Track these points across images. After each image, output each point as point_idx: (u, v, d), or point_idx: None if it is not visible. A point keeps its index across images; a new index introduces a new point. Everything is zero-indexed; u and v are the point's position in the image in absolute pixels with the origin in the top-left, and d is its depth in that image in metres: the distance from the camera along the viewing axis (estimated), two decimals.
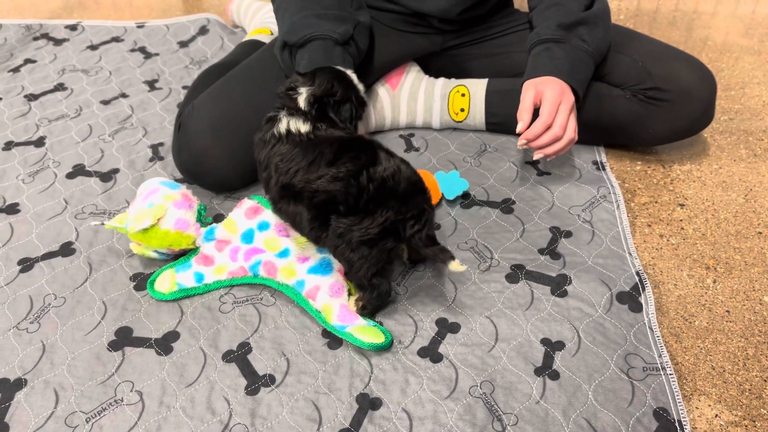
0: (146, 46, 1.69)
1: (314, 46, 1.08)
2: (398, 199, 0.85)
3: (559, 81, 1.07)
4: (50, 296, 0.99)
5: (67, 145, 1.32)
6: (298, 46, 1.10)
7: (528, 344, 0.90)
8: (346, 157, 0.88)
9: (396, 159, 0.89)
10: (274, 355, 0.89)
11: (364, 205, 0.85)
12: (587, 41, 1.11)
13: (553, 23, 1.11)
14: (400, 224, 0.85)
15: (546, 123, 1.04)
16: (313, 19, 1.10)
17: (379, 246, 0.86)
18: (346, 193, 0.85)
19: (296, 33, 1.09)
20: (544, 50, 1.11)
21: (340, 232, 0.86)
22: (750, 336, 0.92)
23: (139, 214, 0.97)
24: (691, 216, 1.12)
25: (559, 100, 1.05)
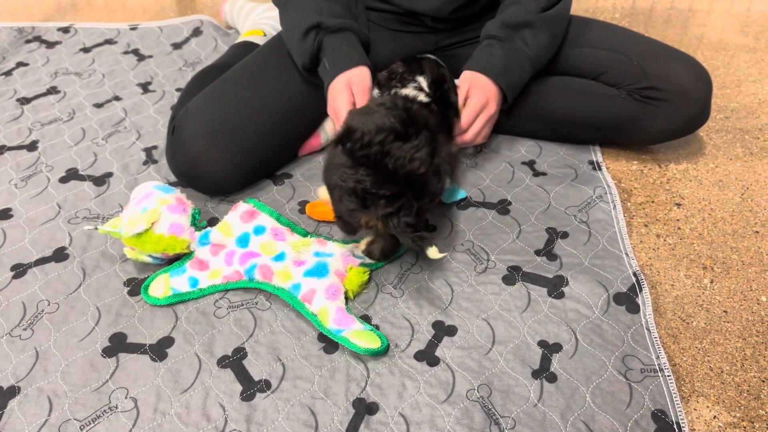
0: (139, 48, 1.68)
1: (351, 37, 1.11)
2: (384, 176, 0.88)
3: (489, 84, 1.12)
4: (44, 302, 0.98)
5: (60, 149, 1.31)
6: (333, 30, 1.10)
7: (525, 346, 0.89)
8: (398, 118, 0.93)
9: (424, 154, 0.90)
10: (269, 360, 0.88)
11: (358, 157, 0.89)
12: (529, 45, 1.14)
13: (500, 20, 1.15)
14: (369, 196, 0.88)
15: (460, 129, 1.12)
16: (342, 10, 1.13)
17: (344, 198, 0.90)
18: (361, 134, 0.90)
19: (331, 17, 1.10)
20: (487, 46, 1.15)
21: (335, 161, 0.92)
22: (748, 336, 0.91)
23: (133, 219, 0.97)
24: (687, 215, 1.12)
25: (479, 109, 1.12)
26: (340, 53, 1.10)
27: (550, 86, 1.22)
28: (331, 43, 1.11)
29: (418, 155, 0.89)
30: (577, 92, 1.20)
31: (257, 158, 1.16)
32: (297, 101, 1.18)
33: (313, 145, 1.27)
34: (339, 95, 1.08)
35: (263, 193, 1.18)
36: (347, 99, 1.08)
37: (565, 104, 1.21)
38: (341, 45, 1.11)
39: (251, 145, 1.14)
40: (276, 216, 1.04)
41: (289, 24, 1.15)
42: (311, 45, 1.11)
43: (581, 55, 1.20)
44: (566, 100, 1.21)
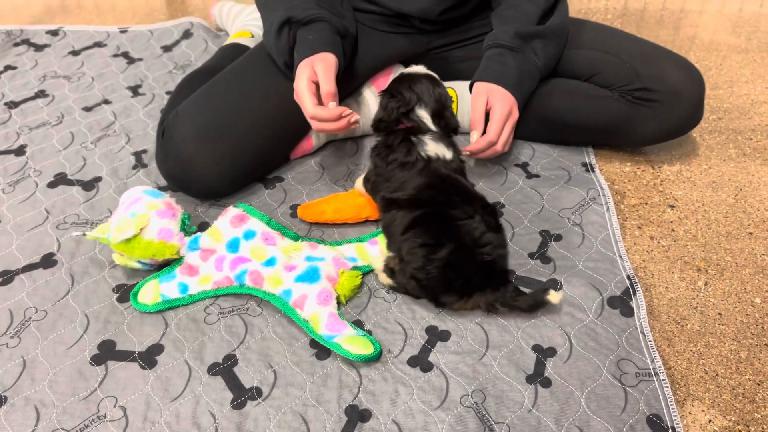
0: (129, 51, 1.66)
1: (321, 26, 1.08)
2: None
3: (508, 94, 1.12)
4: (31, 309, 0.96)
5: (49, 153, 1.29)
6: (303, 23, 1.08)
7: (519, 351, 0.88)
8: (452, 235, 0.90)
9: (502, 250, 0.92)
10: (260, 367, 0.87)
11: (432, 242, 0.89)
12: (539, 56, 1.15)
13: (512, 29, 1.14)
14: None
15: (491, 141, 1.11)
16: (314, 4, 1.10)
17: (432, 284, 0.91)
18: (422, 266, 0.90)
19: (302, 11, 1.08)
20: (498, 55, 1.14)
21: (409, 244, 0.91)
22: (742, 339, 0.91)
23: (122, 224, 0.95)
24: (681, 217, 1.12)
25: (505, 118, 1.11)
26: (306, 43, 1.08)
27: (543, 88, 1.21)
28: (302, 34, 1.09)
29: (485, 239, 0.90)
30: (570, 93, 1.19)
31: (248, 162, 1.15)
32: (287, 104, 1.16)
33: (305, 149, 1.25)
34: (300, 72, 1.05)
35: (254, 197, 1.17)
36: (308, 74, 1.04)
37: (558, 106, 1.20)
38: (308, 35, 1.08)
39: (242, 148, 1.12)
40: (266, 220, 1.03)
41: (267, 26, 1.14)
42: (286, 41, 1.10)
43: (574, 56, 1.20)
44: (559, 101, 1.20)
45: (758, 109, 1.39)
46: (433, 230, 0.90)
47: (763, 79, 1.50)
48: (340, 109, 1.01)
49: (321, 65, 1.03)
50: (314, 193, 1.18)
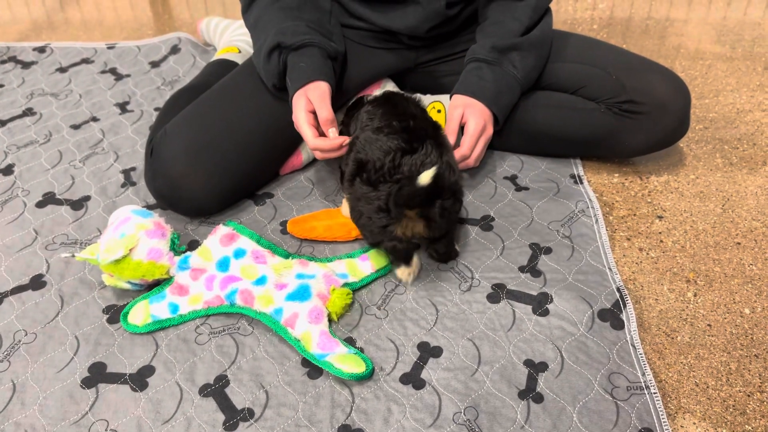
0: (117, 68, 1.66)
1: (312, 52, 1.09)
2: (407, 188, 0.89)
3: (484, 109, 1.13)
4: (20, 332, 0.96)
5: (37, 172, 1.29)
6: (294, 48, 1.09)
7: (511, 366, 0.89)
8: (400, 136, 0.95)
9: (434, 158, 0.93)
10: (252, 387, 0.87)
11: (374, 181, 0.93)
12: (518, 68, 1.15)
13: (489, 43, 1.15)
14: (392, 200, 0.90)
15: (464, 155, 1.12)
16: (305, 27, 1.11)
17: (375, 220, 0.93)
18: (373, 164, 0.94)
19: (292, 36, 1.09)
20: (476, 69, 1.15)
21: (357, 196, 0.95)
22: (732, 350, 0.91)
23: (111, 245, 0.95)
24: (669, 228, 1.12)
25: (479, 133, 1.13)
26: (298, 70, 1.09)
27: (530, 101, 1.22)
28: (293, 60, 1.10)
29: (428, 160, 0.93)
30: (556, 107, 1.20)
31: (238, 179, 1.15)
32: (276, 120, 1.17)
33: (294, 164, 1.26)
34: (296, 104, 1.07)
35: (244, 213, 1.17)
36: (304, 105, 1.06)
37: (545, 119, 1.21)
38: (300, 62, 1.09)
39: (231, 166, 1.12)
40: (256, 238, 1.02)
41: (257, 48, 1.15)
42: (276, 65, 1.11)
43: (560, 69, 1.21)
44: (546, 114, 1.21)
45: (744, 118, 1.40)
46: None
47: (748, 88, 1.51)
48: (340, 139, 1.03)
49: (315, 93, 1.05)
50: (304, 208, 1.18)
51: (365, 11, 1.21)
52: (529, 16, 1.16)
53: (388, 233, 0.94)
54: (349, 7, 1.23)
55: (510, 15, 1.17)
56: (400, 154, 0.93)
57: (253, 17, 1.17)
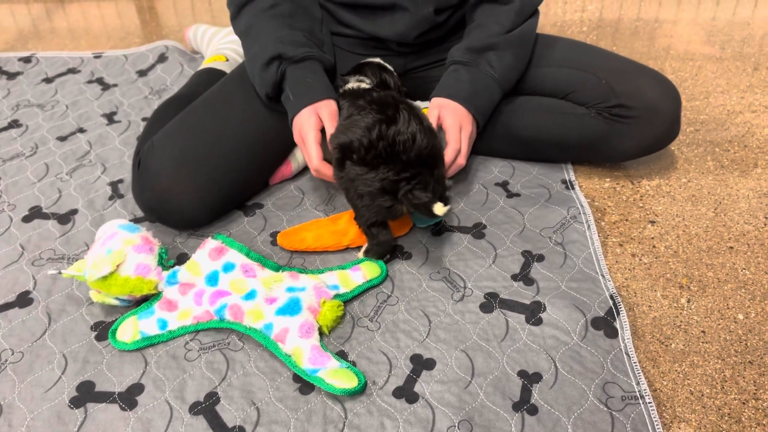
0: (104, 77, 1.64)
1: (314, 66, 1.10)
2: (402, 163, 0.94)
3: (460, 108, 1.11)
4: (7, 351, 0.94)
5: (23, 185, 1.27)
6: (295, 61, 1.09)
7: (505, 378, 0.88)
8: (371, 110, 0.98)
9: (415, 126, 0.97)
10: (243, 404, 0.85)
11: (371, 159, 0.95)
12: (495, 67, 1.14)
13: (464, 45, 1.15)
14: (396, 184, 0.94)
15: (456, 149, 1.09)
16: (303, 38, 1.11)
17: (378, 200, 0.96)
18: (359, 142, 0.95)
19: (293, 47, 1.09)
20: (453, 71, 1.15)
21: (351, 177, 0.97)
22: (726, 357, 0.91)
23: (98, 261, 0.93)
24: (662, 233, 1.12)
25: (458, 129, 1.10)
26: (304, 86, 1.09)
27: (520, 106, 1.21)
28: (295, 73, 1.09)
29: (409, 130, 0.96)
30: (546, 112, 1.19)
31: (226, 190, 1.14)
32: (265, 130, 1.16)
33: (284, 174, 1.24)
34: (306, 121, 1.07)
35: (234, 225, 1.16)
36: (315, 123, 1.06)
37: (536, 124, 1.20)
38: (305, 77, 1.09)
39: (220, 177, 1.11)
40: (245, 251, 1.01)
41: (251, 55, 1.13)
42: (274, 75, 1.10)
43: (549, 74, 1.20)
44: (536, 120, 1.20)
45: (734, 120, 1.40)
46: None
47: (738, 89, 1.51)
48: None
49: (326, 112, 1.07)
50: (295, 219, 1.17)
51: (353, 18, 1.20)
52: (512, 20, 1.16)
53: (393, 212, 0.98)
54: (337, 15, 1.22)
55: (493, 19, 1.16)
56: (383, 125, 0.96)
57: (244, 24, 1.16)
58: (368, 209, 0.99)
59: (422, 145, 0.96)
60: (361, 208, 0.99)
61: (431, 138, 0.99)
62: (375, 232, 1.02)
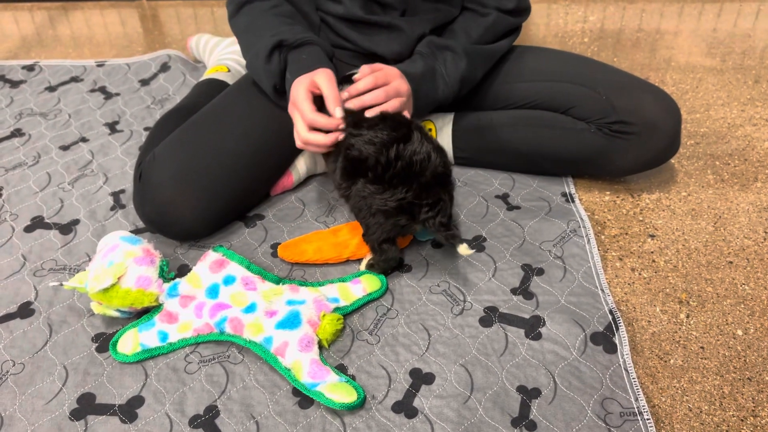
0: (106, 86, 1.65)
1: (313, 49, 1.10)
2: (420, 184, 0.95)
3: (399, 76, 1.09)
4: (8, 363, 0.95)
5: (25, 195, 1.28)
6: (295, 46, 1.09)
7: (504, 393, 0.88)
8: (384, 126, 0.98)
9: (428, 145, 0.97)
10: (242, 418, 0.86)
11: (388, 179, 0.95)
12: (448, 68, 1.16)
13: (428, 39, 1.18)
14: (415, 207, 0.96)
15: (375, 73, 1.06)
16: (301, 28, 1.12)
17: (393, 219, 0.97)
18: (376, 160, 0.96)
19: (292, 34, 1.09)
20: (410, 61, 1.17)
21: (364, 195, 0.97)
22: (725, 373, 0.91)
23: (99, 274, 0.94)
24: (661, 247, 1.12)
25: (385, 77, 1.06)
26: (299, 63, 1.09)
27: (521, 121, 1.22)
28: (294, 56, 1.10)
29: (424, 149, 0.96)
30: (547, 127, 1.20)
31: (227, 202, 1.14)
32: (265, 143, 1.16)
33: (285, 185, 1.25)
34: (297, 85, 1.04)
35: (234, 236, 1.16)
36: (306, 85, 1.03)
37: (536, 138, 1.21)
38: (301, 55, 1.10)
39: (221, 189, 1.12)
40: (246, 264, 1.02)
41: (254, 52, 1.13)
42: (277, 64, 1.10)
43: (550, 89, 1.20)
44: (537, 134, 1.21)
45: (734, 133, 1.41)
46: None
47: (739, 102, 1.52)
48: (338, 120, 1.01)
49: (322, 76, 1.04)
50: (295, 230, 1.17)
51: (351, 33, 1.21)
52: (480, 34, 1.19)
53: (406, 231, 1.01)
54: (336, 28, 1.23)
55: (463, 29, 1.20)
56: (400, 144, 0.96)
57: (243, 22, 1.17)
58: (381, 227, 0.99)
59: (437, 163, 0.97)
60: (373, 225, 1.00)
61: (443, 156, 1.00)
62: (386, 248, 1.02)
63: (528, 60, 1.27)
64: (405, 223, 0.98)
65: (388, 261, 1.04)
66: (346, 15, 1.20)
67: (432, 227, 0.97)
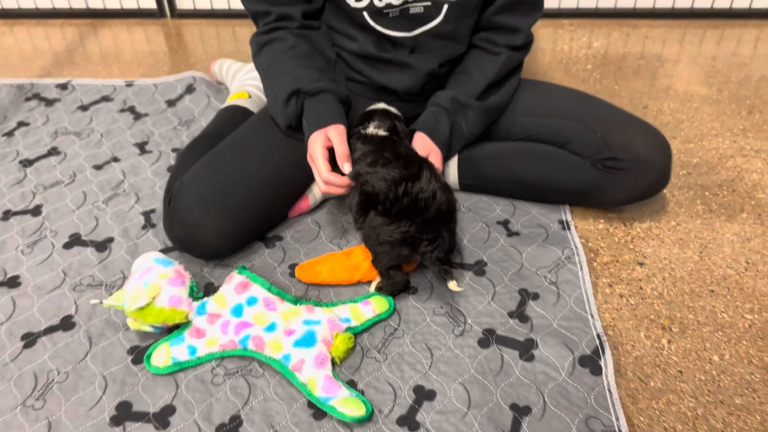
0: (135, 106, 1.76)
1: (327, 97, 1.21)
2: (423, 220, 1.07)
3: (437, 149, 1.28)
4: (53, 372, 1.05)
5: (63, 213, 1.39)
6: (311, 94, 1.21)
7: (498, 410, 0.98)
8: (398, 164, 1.11)
9: (435, 184, 1.10)
10: (263, 427, 0.96)
11: (395, 213, 1.08)
12: (468, 125, 1.31)
13: (450, 94, 1.30)
14: (417, 240, 1.07)
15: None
16: (318, 75, 1.23)
17: (397, 249, 1.09)
18: (386, 195, 1.08)
19: (308, 83, 1.21)
20: (437, 113, 1.30)
21: (374, 225, 1.10)
22: (700, 396, 1.00)
23: (135, 294, 1.04)
24: (649, 275, 1.21)
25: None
26: (315, 115, 1.20)
27: (524, 152, 1.32)
28: (310, 106, 1.21)
29: (430, 187, 1.09)
30: (546, 160, 1.29)
31: (249, 226, 1.25)
32: (284, 170, 1.27)
33: (302, 208, 1.35)
34: (314, 141, 1.18)
35: (255, 256, 1.26)
36: (322, 141, 1.17)
37: (536, 170, 1.31)
38: (317, 107, 1.21)
39: (243, 214, 1.22)
40: (267, 286, 1.12)
41: (274, 94, 1.25)
42: (294, 109, 1.22)
43: (549, 124, 1.30)
44: (537, 165, 1.30)
45: (725, 164, 1.49)
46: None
47: (732, 132, 1.60)
48: (347, 180, 1.15)
49: (334, 132, 1.17)
50: (311, 251, 1.28)
51: (365, 68, 1.31)
52: (495, 72, 1.30)
53: (409, 260, 1.13)
54: (351, 63, 1.33)
55: (479, 68, 1.31)
56: (408, 183, 1.08)
57: (266, 62, 1.27)
58: (388, 255, 1.10)
59: (441, 201, 1.09)
60: (381, 253, 1.11)
61: (448, 194, 1.12)
62: (392, 274, 1.13)
63: (530, 95, 1.36)
64: (407, 253, 1.09)
65: (395, 285, 1.14)
66: (360, 52, 1.30)
67: (429, 260, 1.08)
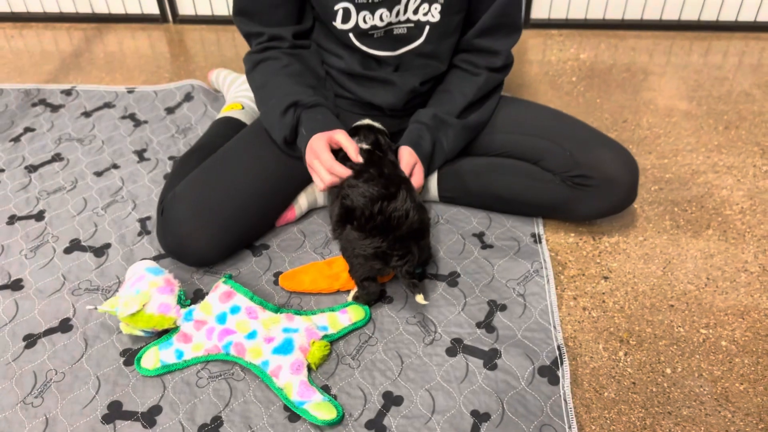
0: (136, 113, 1.84)
1: (324, 110, 1.31)
2: (395, 237, 1.15)
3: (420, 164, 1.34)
4: (51, 371, 1.14)
5: (65, 218, 1.47)
6: (308, 106, 1.30)
7: (459, 416, 1.05)
8: (378, 184, 1.18)
9: (410, 204, 1.17)
10: (242, 428, 1.04)
11: (369, 229, 1.15)
12: (448, 142, 1.38)
13: (431, 112, 1.37)
14: (388, 255, 1.15)
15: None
16: (312, 92, 1.33)
17: (370, 263, 1.17)
18: (362, 212, 1.16)
19: (306, 96, 1.30)
20: (417, 129, 1.37)
21: (350, 239, 1.18)
22: (650, 407, 1.07)
23: (127, 301, 1.13)
24: (612, 289, 1.28)
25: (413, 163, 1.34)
26: (315, 122, 1.28)
27: (499, 168, 1.39)
28: (308, 115, 1.29)
29: (405, 207, 1.16)
30: (519, 175, 1.36)
31: (238, 235, 1.33)
32: (272, 183, 1.34)
33: (288, 218, 1.43)
34: (317, 140, 1.25)
35: (243, 263, 1.34)
36: (326, 140, 1.25)
37: (510, 185, 1.38)
38: (316, 115, 1.29)
39: (232, 224, 1.30)
40: (250, 296, 1.20)
41: (270, 106, 1.32)
42: (291, 119, 1.29)
43: (522, 141, 1.37)
44: (510, 181, 1.37)
45: (697, 180, 1.55)
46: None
47: (706, 148, 1.66)
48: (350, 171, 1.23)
49: (341, 134, 1.25)
50: (296, 260, 1.35)
51: (351, 85, 1.39)
52: (474, 93, 1.37)
53: (381, 273, 1.19)
54: (339, 80, 1.40)
55: (459, 88, 1.38)
56: (384, 202, 1.16)
57: (260, 80, 1.35)
58: (362, 267, 1.18)
59: (413, 220, 1.17)
60: (356, 264, 1.19)
61: (422, 213, 1.20)
62: (366, 284, 1.21)
63: (509, 112, 1.43)
64: (380, 267, 1.17)
65: (370, 295, 1.22)
66: (347, 70, 1.37)
67: (399, 274, 1.16)
